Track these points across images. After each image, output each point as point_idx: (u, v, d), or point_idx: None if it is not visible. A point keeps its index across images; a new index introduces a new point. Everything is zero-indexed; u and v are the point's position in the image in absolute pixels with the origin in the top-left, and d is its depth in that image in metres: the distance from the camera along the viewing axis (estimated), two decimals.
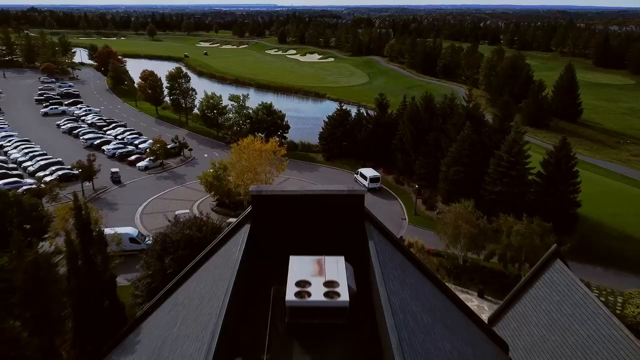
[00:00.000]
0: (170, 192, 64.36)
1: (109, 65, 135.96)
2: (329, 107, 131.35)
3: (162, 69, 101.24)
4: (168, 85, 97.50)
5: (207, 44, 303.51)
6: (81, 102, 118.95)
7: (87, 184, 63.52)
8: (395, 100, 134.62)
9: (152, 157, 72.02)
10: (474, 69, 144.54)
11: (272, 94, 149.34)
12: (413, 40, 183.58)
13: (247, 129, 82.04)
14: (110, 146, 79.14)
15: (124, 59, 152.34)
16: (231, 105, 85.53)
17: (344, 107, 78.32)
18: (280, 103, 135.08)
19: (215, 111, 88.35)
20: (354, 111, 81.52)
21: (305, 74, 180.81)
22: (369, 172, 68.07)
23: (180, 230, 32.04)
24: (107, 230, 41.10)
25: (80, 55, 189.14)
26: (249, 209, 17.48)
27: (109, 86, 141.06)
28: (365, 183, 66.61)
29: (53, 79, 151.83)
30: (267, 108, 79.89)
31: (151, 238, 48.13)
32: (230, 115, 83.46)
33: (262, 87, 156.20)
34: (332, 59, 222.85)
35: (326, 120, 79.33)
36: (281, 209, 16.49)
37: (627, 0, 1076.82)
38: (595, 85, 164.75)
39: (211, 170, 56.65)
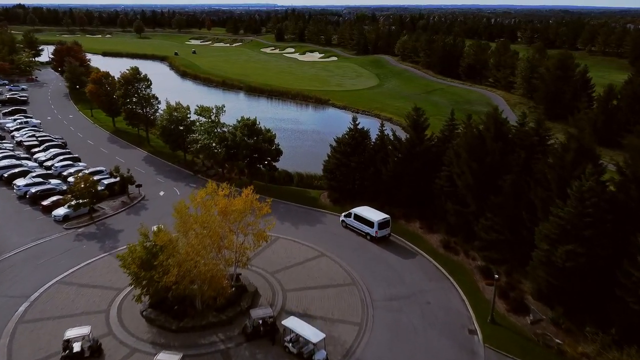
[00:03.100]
0: (88, 269, 40.13)
1: (64, 64, 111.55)
2: (334, 116, 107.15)
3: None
4: (121, 91, 73.15)
5: (198, 42, 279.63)
6: (24, 111, 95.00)
7: None
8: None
9: (72, 203, 47.80)
10: (507, 69, 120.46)
11: (265, 99, 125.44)
12: (429, 37, 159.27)
13: (222, 154, 58.10)
14: (23, 181, 54.94)
15: (87, 57, 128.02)
16: (199, 121, 61.40)
17: (359, 124, 53.89)
18: (275, 111, 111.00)
19: (181, 127, 64.24)
20: (368, 125, 57.03)
21: (305, 75, 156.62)
22: (373, 213, 45.74)
23: None
24: None
25: (48, 54, 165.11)
26: None
27: (69, 90, 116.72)
28: (371, 230, 44.64)
29: (6, 81, 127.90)
30: (248, 126, 55.74)
31: None
32: (197, 135, 59.20)
33: (253, 90, 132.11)
34: (334, 58, 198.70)
35: (334, 144, 55.13)
36: None
37: (627, 0, 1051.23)
38: None
39: (139, 248, 32.40)
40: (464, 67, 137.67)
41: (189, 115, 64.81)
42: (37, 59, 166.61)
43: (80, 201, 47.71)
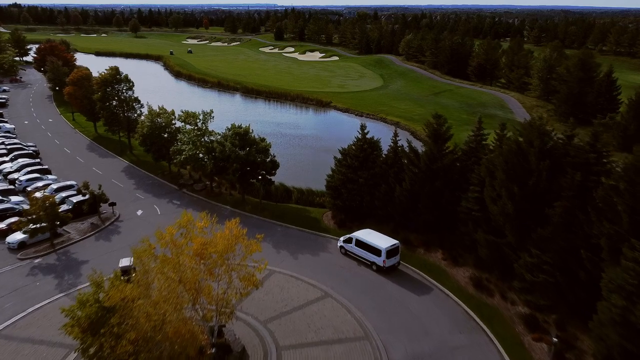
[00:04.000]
0: (37, 315, 32.50)
1: (46, 64, 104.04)
2: (336, 120, 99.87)
3: (132, 69, 69.20)
4: (98, 93, 65.53)
5: (194, 41, 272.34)
6: (0, 114, 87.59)
7: None
8: (423, 110, 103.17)
9: (29, 228, 40.19)
10: (521, 69, 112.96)
11: (262, 101, 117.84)
12: (436, 35, 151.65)
13: (210, 167, 50.53)
14: None
15: (74, 56, 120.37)
16: (184, 128, 53.84)
17: (367, 133, 46.15)
18: (272, 114, 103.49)
19: (165, 135, 56.73)
20: (373, 130, 49.26)
21: (305, 75, 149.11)
22: (379, 238, 38.60)
23: None
24: None
25: None
26: None
27: (52, 91, 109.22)
28: (378, 259, 37.48)
29: None
30: (240, 135, 48.09)
31: None
32: (182, 145, 51.54)
33: (250, 91, 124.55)
34: (336, 58, 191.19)
35: (337, 153, 47.60)
36: None
37: (627, 0, 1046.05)
38: None
39: (91, 299, 24.73)
40: (474, 67, 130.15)
41: (173, 122, 57.29)
42: (24, 58, 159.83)
43: (38, 226, 40.15)
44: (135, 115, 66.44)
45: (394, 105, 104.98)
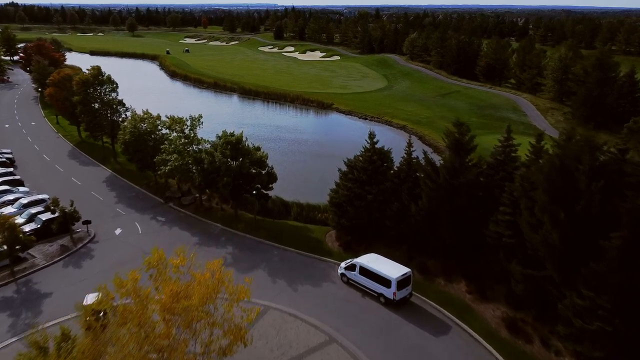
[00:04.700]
0: None
1: (32, 63, 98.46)
2: (339, 123, 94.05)
3: (127, 69, 63.18)
4: (79, 95, 59.85)
5: (192, 40, 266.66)
6: None
7: None
8: (430, 113, 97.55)
9: None
10: (533, 70, 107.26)
11: (260, 102, 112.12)
12: (442, 34, 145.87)
13: (198, 180, 44.86)
14: None
15: (63, 55, 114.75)
16: (170, 136, 48.08)
17: (377, 142, 40.43)
18: (271, 117, 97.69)
19: (150, 142, 51.04)
20: (378, 133, 43.63)
21: (306, 75, 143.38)
22: (387, 266, 33.03)
23: None
24: None
25: None
26: None
27: (38, 93, 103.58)
28: (387, 291, 31.79)
29: None
30: (232, 144, 42.37)
31: None
32: (167, 155, 45.79)
33: (248, 92, 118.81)
34: (337, 57, 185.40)
35: (342, 164, 41.92)
36: None
37: (628, 0, 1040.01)
38: None
39: None
40: (482, 67, 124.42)
41: (159, 127, 51.61)
42: (15, 57, 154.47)
43: None
44: (120, 119, 60.76)
45: (399, 107, 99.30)
